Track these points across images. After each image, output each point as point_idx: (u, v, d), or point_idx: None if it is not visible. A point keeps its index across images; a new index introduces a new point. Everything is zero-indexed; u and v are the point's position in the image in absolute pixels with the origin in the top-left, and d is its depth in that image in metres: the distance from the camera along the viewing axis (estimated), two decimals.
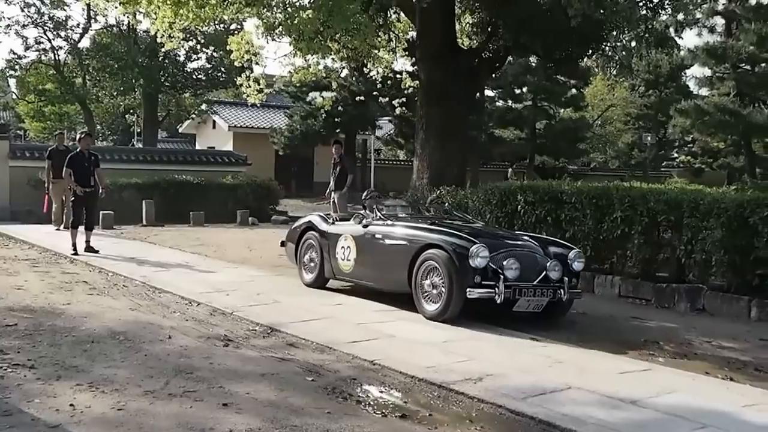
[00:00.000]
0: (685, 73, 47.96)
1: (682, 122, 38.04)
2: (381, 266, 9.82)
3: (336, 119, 33.63)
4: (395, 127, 38.81)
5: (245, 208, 22.44)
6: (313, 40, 14.82)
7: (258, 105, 23.07)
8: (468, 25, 17.59)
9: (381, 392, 6.02)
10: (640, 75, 47.61)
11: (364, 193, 11.30)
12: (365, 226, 10.21)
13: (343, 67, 26.45)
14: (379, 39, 17.83)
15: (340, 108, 32.41)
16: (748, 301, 9.93)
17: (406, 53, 19.20)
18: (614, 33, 16.03)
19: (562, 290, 8.72)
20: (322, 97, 28.54)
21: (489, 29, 16.58)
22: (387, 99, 28.68)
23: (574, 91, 40.01)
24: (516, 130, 40.17)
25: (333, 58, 18.94)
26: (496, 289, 8.40)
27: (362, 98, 30.73)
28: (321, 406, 5.52)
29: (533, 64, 35.11)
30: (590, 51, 17.27)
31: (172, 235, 18.28)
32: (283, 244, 12.10)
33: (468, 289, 8.44)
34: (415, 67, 18.11)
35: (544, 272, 8.75)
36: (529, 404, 5.72)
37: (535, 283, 8.65)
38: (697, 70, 45.11)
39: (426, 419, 5.44)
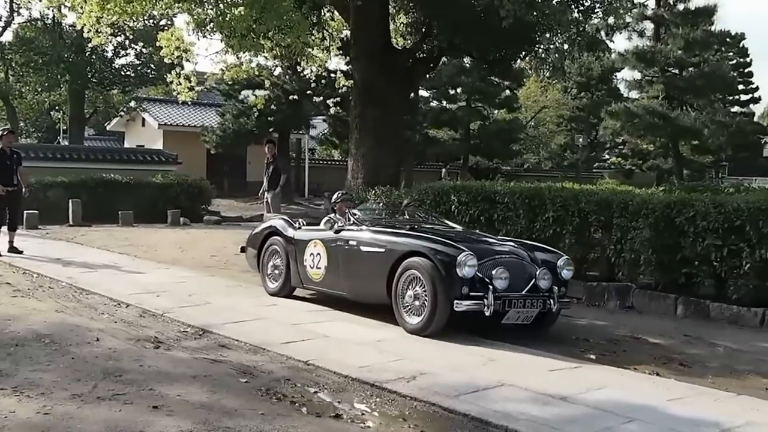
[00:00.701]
0: (615, 76, 48.84)
1: (613, 124, 38.78)
2: (356, 275, 9.10)
3: (269, 118, 33.35)
4: (330, 126, 38.72)
5: (176, 208, 22.15)
6: (246, 37, 14.68)
7: (189, 103, 22.83)
8: (402, 25, 17.65)
9: (315, 392, 5.98)
10: (572, 77, 48.35)
11: (335, 196, 10.75)
12: (337, 232, 9.46)
13: (277, 66, 26.33)
14: (313, 37, 17.75)
15: (273, 107, 32.14)
16: (674, 298, 10.17)
17: (341, 52, 19.18)
18: (547, 35, 16.25)
19: (552, 300, 8.16)
20: (255, 95, 28.34)
21: (423, 30, 16.66)
22: (321, 98, 28.64)
23: (507, 92, 40.43)
24: (450, 130, 40.43)
25: (266, 56, 18.81)
26: (485, 300, 7.79)
27: (296, 97, 30.56)
28: (254, 408, 5.45)
29: (468, 65, 35.38)
30: (523, 53, 17.49)
31: (100, 235, 17.94)
32: (243, 249, 11.48)
33: (455, 301, 7.81)
34: (350, 66, 18.10)
35: (533, 281, 8.18)
36: (461, 402, 5.75)
37: (524, 293, 8.09)
38: (627, 74, 45.90)
39: (359, 418, 5.42)
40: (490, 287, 7.85)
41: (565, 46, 17.40)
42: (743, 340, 8.70)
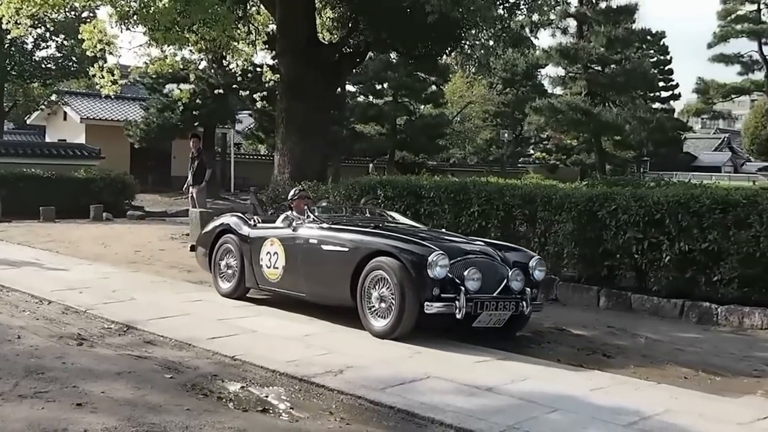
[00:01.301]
0: (540, 73, 49.56)
1: (537, 120, 39.42)
2: (316, 275, 8.62)
3: (194, 112, 32.97)
4: (256, 121, 38.48)
5: (99, 203, 21.71)
6: (170, 30, 14.50)
7: (112, 96, 22.34)
8: (329, 19, 17.62)
9: (242, 387, 5.95)
10: (497, 73, 48.79)
11: (291, 192, 10.19)
12: (295, 229, 8.97)
13: (202, 59, 26.06)
14: (239, 31, 17.63)
15: (198, 101, 31.79)
16: (597, 290, 10.39)
17: (267, 46, 19.08)
18: (472, 31, 16.38)
19: (524, 303, 7.80)
20: (180, 89, 27.97)
21: (350, 24, 16.65)
22: (247, 92, 28.40)
23: (434, 87, 40.69)
24: (377, 125, 40.54)
25: (191, 50, 18.63)
26: (457, 302, 7.40)
27: (221, 91, 30.33)
28: (180, 403, 5.41)
29: (394, 61, 35.52)
30: (449, 48, 17.60)
31: (20, 231, 17.51)
32: (192, 248, 11.01)
33: (426, 303, 7.41)
34: (276, 60, 18.04)
35: (505, 282, 7.82)
36: (388, 394, 5.79)
37: (495, 295, 7.71)
38: (551, 70, 46.54)
39: (287, 413, 5.43)
40: (462, 289, 7.46)
41: (491, 43, 17.57)
42: (663, 331, 8.94)
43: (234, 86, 28.93)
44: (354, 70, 26.89)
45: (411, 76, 37.77)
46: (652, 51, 51.80)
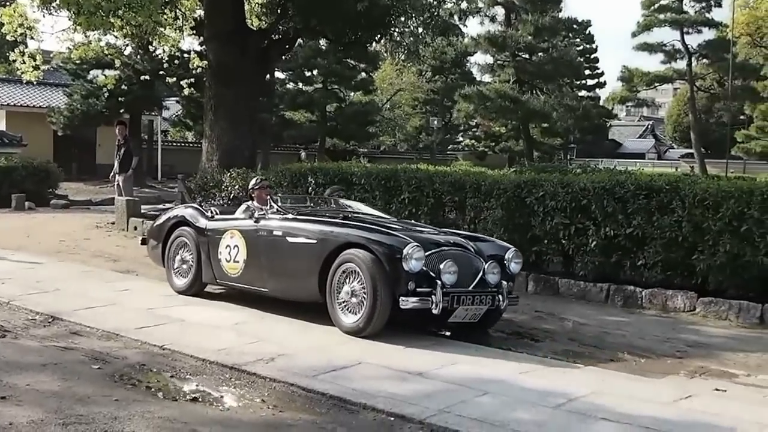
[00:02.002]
0: (469, 60, 49.86)
1: (466, 107, 39.74)
2: (282, 270, 8.17)
3: (120, 99, 32.39)
4: (183, 108, 37.96)
5: (21, 192, 21.19)
6: (94, 14, 14.18)
7: (34, 82, 21.77)
8: (258, 5, 17.47)
9: (171, 377, 5.90)
10: (426, 61, 48.95)
11: (252, 182, 9.59)
12: (258, 221, 8.48)
13: (127, 45, 25.57)
14: (165, 16, 17.32)
15: (124, 87, 31.22)
16: (526, 275, 10.52)
17: (194, 32, 18.82)
18: (401, 19, 16.42)
19: (500, 296, 7.51)
20: (105, 75, 27.42)
21: (279, 11, 16.54)
22: (174, 79, 27.96)
23: (363, 75, 40.70)
24: (307, 112, 40.37)
25: (116, 35, 18.27)
26: (433, 297, 7.08)
27: (148, 78, 29.86)
28: (108, 394, 5.33)
29: (324, 47, 35.36)
30: (379, 36, 17.62)
31: None
32: (144, 242, 10.43)
33: (401, 298, 7.08)
34: (204, 46, 17.81)
35: (480, 275, 7.52)
36: (320, 381, 5.80)
37: (470, 289, 7.42)
38: (480, 58, 47.01)
39: (218, 401, 5.39)
40: (438, 282, 7.15)
41: (420, 30, 17.65)
42: (590, 315, 9.12)
43: (161, 72, 28.46)
44: (283, 57, 26.74)
45: (341, 63, 37.70)
46: (578, 40, 52.44)
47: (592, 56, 54.81)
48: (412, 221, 9.91)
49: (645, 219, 9.56)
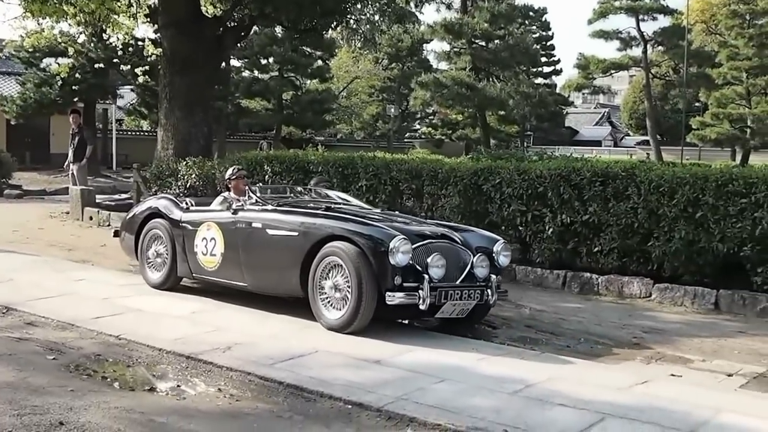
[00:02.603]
0: (425, 48, 49.86)
1: (423, 95, 39.71)
2: (261, 263, 7.89)
3: (74, 87, 31.91)
4: (138, 96, 37.49)
5: None
6: (47, 2, 13.97)
7: None
8: None
9: (128, 367, 5.86)
10: (383, 48, 48.99)
11: (229, 172, 9.32)
12: (235, 212, 8.19)
13: (81, 33, 25.13)
14: (119, 3, 17.05)
15: (78, 75, 30.77)
16: None
17: (148, 20, 18.55)
18: (357, 6, 16.42)
19: (489, 291, 7.28)
20: (58, 63, 27.03)
21: None
22: (129, 67, 27.65)
23: (320, 62, 40.44)
24: (263, 100, 40.07)
25: (69, 23, 17.94)
26: (420, 292, 6.84)
27: (102, 66, 29.45)
28: (63, 385, 5.28)
29: (279, 35, 35.17)
30: (335, 23, 17.57)
31: None
32: (116, 234, 10.14)
33: (387, 294, 6.82)
34: (158, 34, 17.58)
35: (468, 269, 7.29)
36: (277, 370, 5.80)
37: (458, 283, 7.19)
38: (436, 45, 47.19)
39: (174, 391, 5.37)
40: (425, 277, 6.92)
41: (376, 17, 17.69)
42: (546, 302, 9.20)
43: (115, 61, 28.11)
44: (239, 45, 26.50)
45: (296, 50, 37.45)
46: (534, 27, 52.67)
47: (548, 43, 55.08)
48: (397, 212, 9.34)
49: (601, 206, 9.67)
